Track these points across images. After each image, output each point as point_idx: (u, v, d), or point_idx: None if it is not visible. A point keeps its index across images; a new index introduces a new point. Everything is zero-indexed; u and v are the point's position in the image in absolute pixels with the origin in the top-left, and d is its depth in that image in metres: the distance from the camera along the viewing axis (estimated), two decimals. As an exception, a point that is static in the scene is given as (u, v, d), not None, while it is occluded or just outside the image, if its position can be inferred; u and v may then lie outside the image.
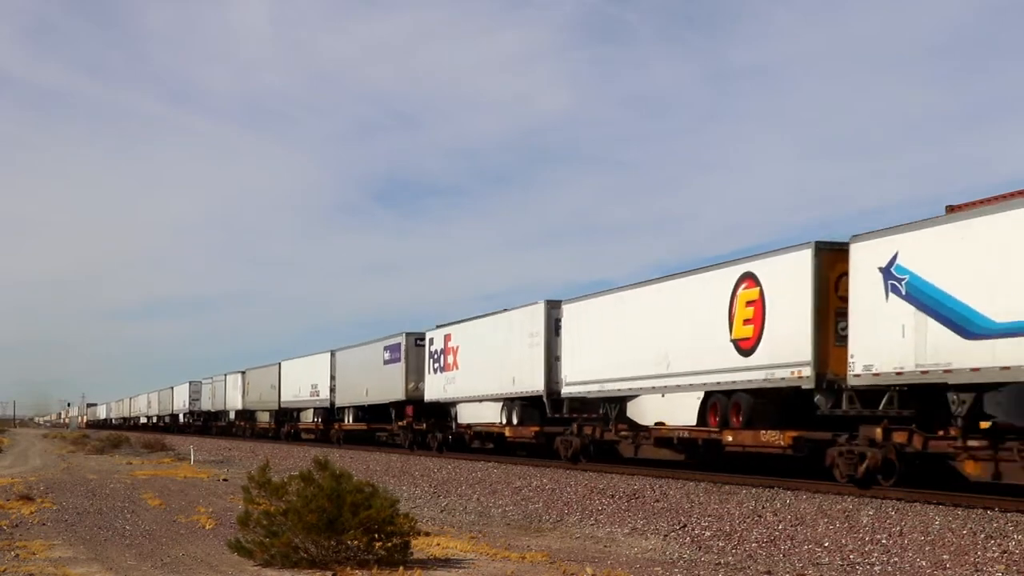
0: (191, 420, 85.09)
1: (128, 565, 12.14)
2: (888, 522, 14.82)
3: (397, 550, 11.77)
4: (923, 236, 17.35)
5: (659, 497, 19.33)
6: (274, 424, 60.90)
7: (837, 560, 12.58)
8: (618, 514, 17.58)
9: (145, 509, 18.75)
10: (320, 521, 11.41)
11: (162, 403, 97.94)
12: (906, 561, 12.24)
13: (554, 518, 17.72)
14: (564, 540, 14.86)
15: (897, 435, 17.91)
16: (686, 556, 13.06)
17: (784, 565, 12.31)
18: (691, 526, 15.64)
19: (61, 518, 17.17)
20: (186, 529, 15.66)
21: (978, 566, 11.72)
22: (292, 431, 57.49)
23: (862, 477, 18.38)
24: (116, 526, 16.14)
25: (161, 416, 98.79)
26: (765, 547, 13.62)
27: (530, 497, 20.84)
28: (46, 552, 13.10)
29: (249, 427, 66.92)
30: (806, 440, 19.98)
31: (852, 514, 15.78)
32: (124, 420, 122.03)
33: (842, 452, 18.93)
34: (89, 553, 13.16)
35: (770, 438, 20.57)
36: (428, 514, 18.17)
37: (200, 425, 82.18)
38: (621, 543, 14.51)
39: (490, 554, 12.87)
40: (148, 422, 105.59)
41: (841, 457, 18.99)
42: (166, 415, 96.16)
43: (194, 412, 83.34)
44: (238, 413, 69.46)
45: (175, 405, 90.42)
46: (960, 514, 15.40)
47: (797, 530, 14.68)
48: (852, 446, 18.71)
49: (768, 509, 16.87)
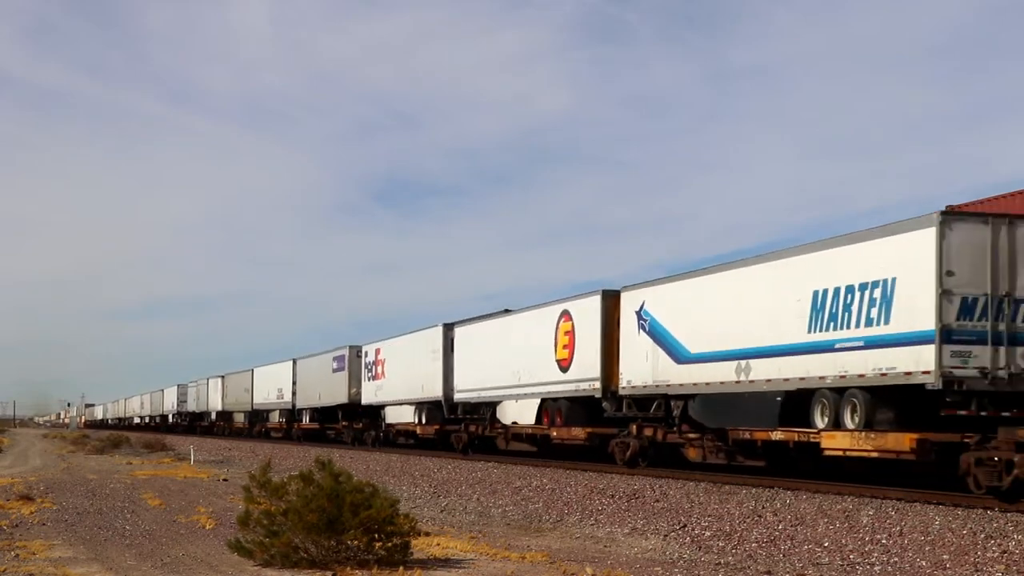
0: (179, 420, 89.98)
1: (128, 565, 12.14)
2: (888, 522, 14.82)
3: (397, 550, 11.77)
4: (657, 290, 24.32)
5: (659, 497, 19.34)
6: (247, 424, 67.69)
7: (837, 560, 12.57)
8: (618, 514, 17.58)
9: (145, 509, 18.75)
10: (320, 521, 11.40)
11: (153, 404, 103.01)
12: (906, 561, 12.24)
13: (554, 518, 17.72)
14: (564, 540, 14.86)
15: (647, 430, 25.01)
16: (686, 556, 13.06)
17: (784, 565, 12.31)
18: (691, 526, 15.64)
19: (61, 518, 17.17)
20: (186, 529, 15.66)
21: (978, 566, 11.72)
22: (262, 430, 64.47)
23: (629, 460, 25.10)
24: (116, 526, 16.14)
25: (152, 416, 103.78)
26: (765, 547, 13.62)
27: (530, 497, 20.85)
28: (46, 552, 13.10)
29: (227, 427, 73.19)
30: (598, 435, 27.19)
31: (852, 514, 15.78)
32: (119, 420, 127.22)
33: (619, 443, 25.79)
34: (89, 553, 13.16)
35: (576, 433, 28.10)
36: (428, 514, 18.17)
37: (186, 425, 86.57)
38: (621, 543, 14.51)
39: (490, 554, 12.87)
40: (141, 422, 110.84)
41: (618, 447, 25.80)
42: (157, 415, 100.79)
43: (181, 413, 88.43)
44: (218, 414, 75.58)
45: (165, 406, 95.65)
46: (960, 514, 15.40)
47: (797, 530, 14.68)
48: (624, 439, 25.56)
49: (768, 509, 16.88)
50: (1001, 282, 16.68)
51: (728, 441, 22.29)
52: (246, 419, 68.18)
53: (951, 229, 16.61)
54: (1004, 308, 16.68)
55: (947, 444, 16.76)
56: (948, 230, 16.57)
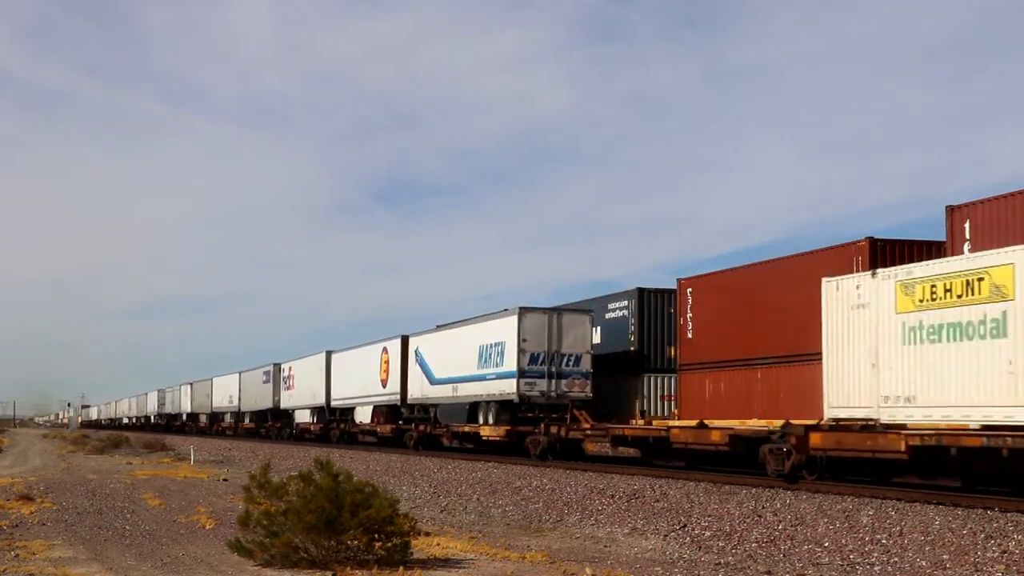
0: (158, 420, 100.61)
1: (128, 565, 12.14)
2: (888, 522, 14.82)
3: (397, 550, 11.77)
4: (424, 338, 39.29)
5: (659, 497, 19.34)
6: (208, 423, 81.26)
7: (837, 560, 12.58)
8: (618, 514, 17.58)
9: (145, 509, 18.75)
10: (320, 521, 11.40)
11: (139, 406, 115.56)
12: (906, 561, 12.24)
13: (554, 518, 17.72)
14: (564, 540, 14.86)
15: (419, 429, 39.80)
16: (686, 556, 13.06)
17: (784, 565, 12.31)
18: (691, 526, 15.64)
19: (61, 518, 17.17)
20: (186, 529, 15.65)
21: (978, 566, 11.72)
22: (219, 428, 78.63)
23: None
24: (116, 526, 16.14)
25: (138, 417, 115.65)
26: (765, 547, 13.62)
27: (530, 497, 20.84)
28: (46, 552, 13.10)
29: (194, 426, 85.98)
30: (399, 430, 41.93)
31: (852, 514, 15.78)
32: (111, 420, 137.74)
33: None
34: (89, 553, 13.16)
35: (385, 428, 43.26)
36: (428, 514, 18.17)
37: (164, 425, 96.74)
38: (621, 543, 14.51)
39: (490, 554, 12.87)
40: (129, 422, 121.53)
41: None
42: (142, 416, 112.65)
43: (161, 414, 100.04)
44: (188, 415, 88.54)
45: (148, 408, 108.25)
46: (960, 514, 15.40)
47: (797, 530, 14.68)
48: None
49: (768, 509, 16.88)
50: (552, 344, 30.72)
51: (449, 431, 36.74)
52: (208, 420, 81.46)
53: (525, 316, 30.94)
54: (553, 359, 30.75)
55: (523, 432, 31.14)
56: (524, 317, 30.92)
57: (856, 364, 18.58)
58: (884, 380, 17.92)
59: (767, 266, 23.99)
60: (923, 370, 17.17)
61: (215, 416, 78.54)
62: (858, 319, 18.57)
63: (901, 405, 17.65)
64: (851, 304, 18.73)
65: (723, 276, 25.89)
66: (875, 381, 18.13)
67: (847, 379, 18.82)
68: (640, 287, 30.67)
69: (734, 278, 25.24)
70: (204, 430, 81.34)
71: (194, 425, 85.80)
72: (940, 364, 16.83)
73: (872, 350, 18.19)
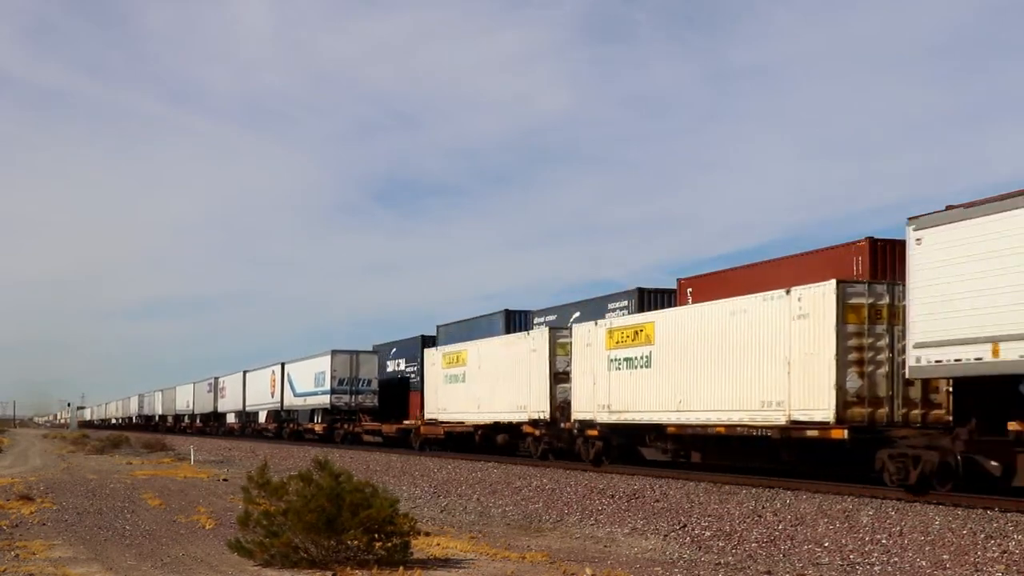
0: (139, 421, 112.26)
1: (128, 565, 12.14)
2: (888, 522, 14.82)
3: (397, 550, 11.77)
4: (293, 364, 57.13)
5: (659, 497, 19.34)
6: (173, 423, 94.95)
7: (837, 560, 12.58)
8: (618, 514, 17.58)
9: (145, 509, 18.75)
10: (320, 521, 11.40)
11: (125, 408, 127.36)
12: (906, 561, 12.24)
13: (554, 518, 17.72)
14: (564, 540, 14.86)
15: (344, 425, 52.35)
16: (686, 556, 13.06)
17: (784, 565, 12.31)
18: (691, 526, 15.64)
19: (61, 518, 17.17)
20: (186, 529, 15.65)
21: (978, 566, 11.72)
22: (179, 427, 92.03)
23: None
24: (116, 526, 16.14)
25: (124, 418, 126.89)
26: (765, 547, 13.63)
27: (530, 497, 20.84)
28: (46, 552, 13.10)
29: (163, 425, 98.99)
30: (279, 428, 59.81)
31: (852, 514, 15.79)
32: (102, 421, 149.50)
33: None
34: (89, 553, 13.16)
35: (319, 427, 52.10)
36: (428, 514, 18.17)
37: (143, 424, 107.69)
38: (621, 543, 14.51)
39: (490, 554, 12.87)
40: (116, 423, 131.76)
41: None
42: (126, 417, 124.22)
43: (141, 415, 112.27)
44: (159, 417, 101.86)
45: (131, 410, 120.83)
46: (960, 514, 15.40)
47: (797, 530, 14.68)
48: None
49: (768, 509, 16.88)
50: (352, 373, 48.94)
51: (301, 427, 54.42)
52: (173, 420, 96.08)
53: (335, 356, 49.13)
54: (353, 383, 48.69)
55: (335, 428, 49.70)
56: (335, 357, 49.13)
57: (586, 383, 26.98)
58: (600, 393, 26.23)
59: (767, 266, 24.02)
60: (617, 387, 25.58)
61: (178, 417, 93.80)
62: (588, 353, 26.95)
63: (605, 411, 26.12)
64: (585, 343, 27.15)
65: (723, 276, 25.94)
66: (593, 394, 26.54)
67: (582, 393, 27.19)
68: (640, 287, 30.80)
69: (734, 278, 25.28)
70: (171, 428, 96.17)
71: (163, 424, 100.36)
72: (623, 384, 25.33)
73: (592, 373, 26.65)
